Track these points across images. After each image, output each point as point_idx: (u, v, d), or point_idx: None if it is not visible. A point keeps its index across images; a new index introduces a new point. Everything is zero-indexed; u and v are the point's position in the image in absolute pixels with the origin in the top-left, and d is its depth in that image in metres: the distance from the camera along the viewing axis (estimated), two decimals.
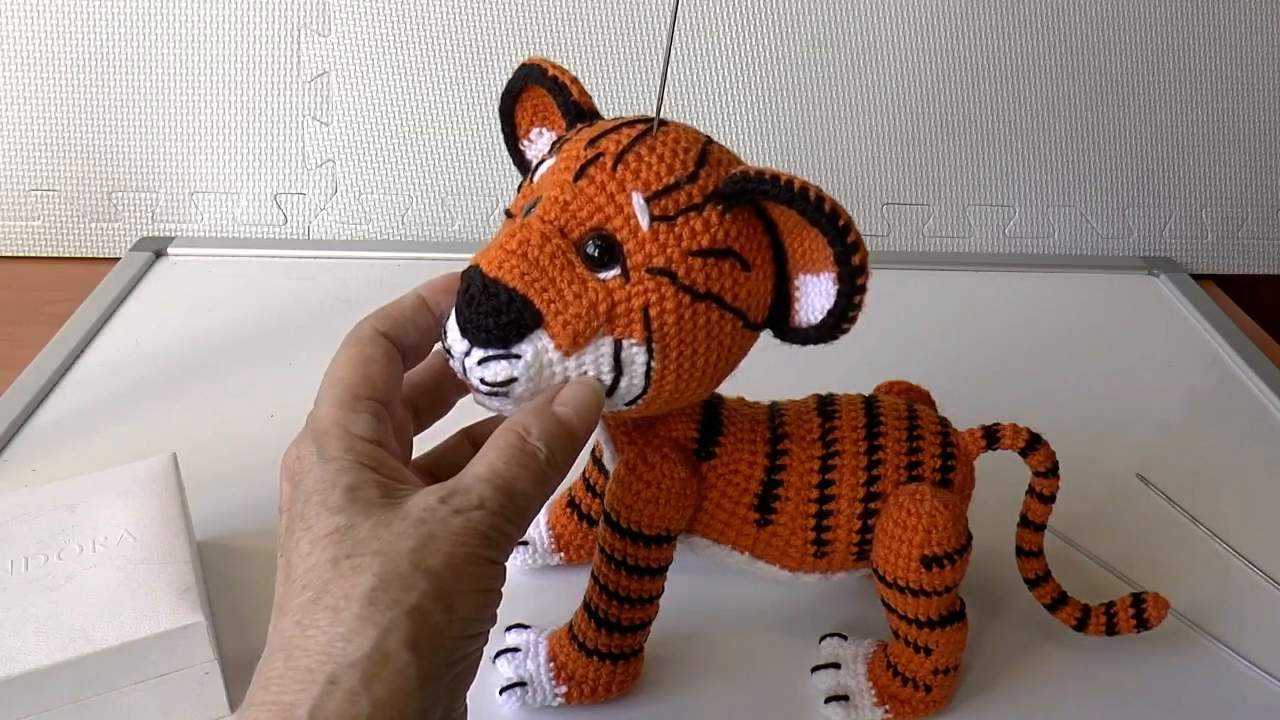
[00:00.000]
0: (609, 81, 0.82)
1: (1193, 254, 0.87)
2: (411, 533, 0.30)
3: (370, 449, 0.32)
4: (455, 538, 0.30)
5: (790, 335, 0.37)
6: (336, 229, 0.84)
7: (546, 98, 0.40)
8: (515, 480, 0.32)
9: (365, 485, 0.31)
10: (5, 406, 0.61)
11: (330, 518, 0.30)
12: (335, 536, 0.30)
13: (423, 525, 0.30)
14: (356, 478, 0.31)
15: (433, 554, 0.29)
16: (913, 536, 0.40)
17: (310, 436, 0.33)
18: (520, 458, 0.32)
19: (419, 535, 0.30)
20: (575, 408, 0.34)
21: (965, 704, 0.45)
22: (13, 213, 0.81)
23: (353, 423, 0.33)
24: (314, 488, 0.32)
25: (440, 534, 0.30)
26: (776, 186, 0.33)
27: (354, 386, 0.34)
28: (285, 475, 0.34)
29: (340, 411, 0.33)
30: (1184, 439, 0.64)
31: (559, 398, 0.35)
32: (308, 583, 0.30)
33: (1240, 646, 0.48)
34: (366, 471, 0.32)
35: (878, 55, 0.82)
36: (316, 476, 0.32)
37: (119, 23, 0.78)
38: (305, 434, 0.34)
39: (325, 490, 0.31)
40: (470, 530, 0.30)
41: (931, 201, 0.86)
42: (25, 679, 0.38)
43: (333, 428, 0.33)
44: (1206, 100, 0.84)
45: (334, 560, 0.29)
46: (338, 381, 0.34)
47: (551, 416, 0.34)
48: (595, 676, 0.43)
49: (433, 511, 0.30)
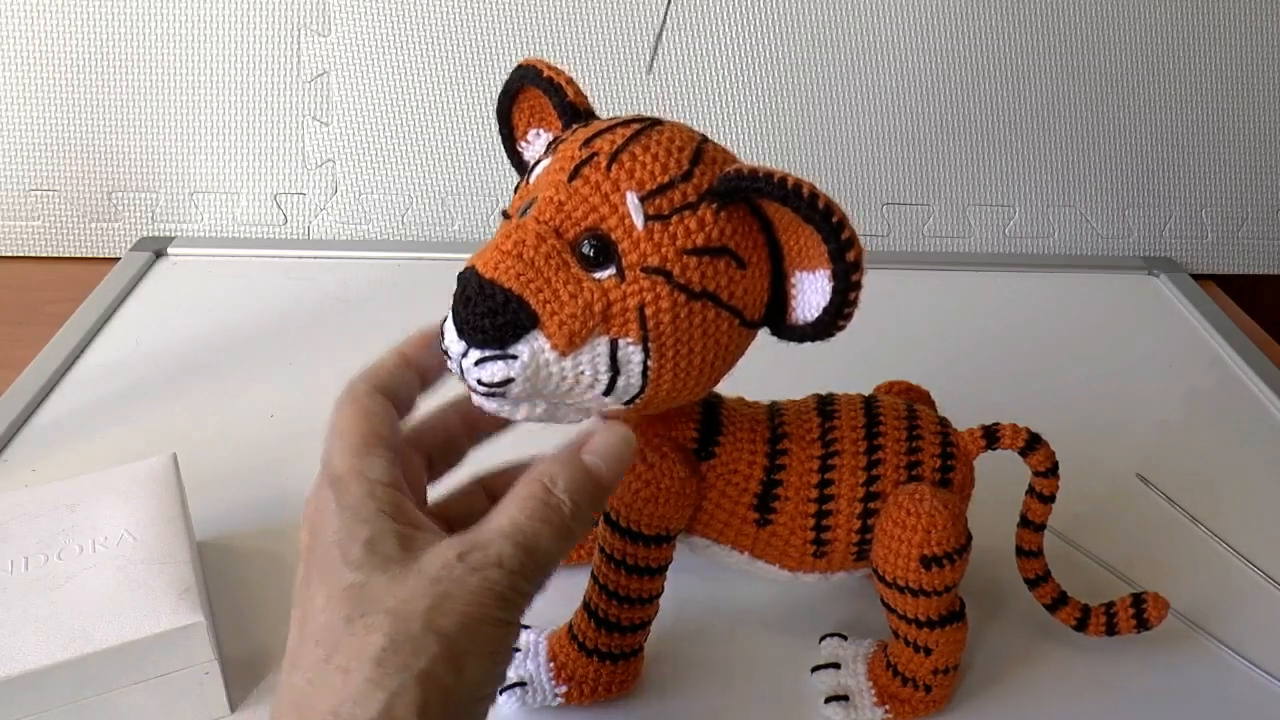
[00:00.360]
0: (607, 82, 0.82)
1: (1193, 254, 0.87)
2: (427, 591, 0.30)
3: (388, 493, 0.33)
4: (470, 597, 0.30)
5: (787, 333, 0.37)
6: (336, 229, 0.84)
7: (543, 99, 0.40)
8: (537, 537, 0.31)
9: (383, 537, 0.31)
10: (5, 406, 0.61)
11: (347, 573, 0.30)
12: (350, 593, 0.30)
13: (438, 584, 0.30)
14: (375, 529, 0.31)
15: (446, 614, 0.29)
16: (912, 536, 0.40)
17: (327, 484, 0.33)
18: (544, 511, 0.32)
19: (434, 594, 0.30)
20: (604, 457, 0.34)
21: (965, 704, 0.45)
22: (13, 213, 0.81)
23: (368, 467, 0.33)
24: (333, 539, 0.32)
25: (456, 593, 0.30)
26: (771, 184, 0.33)
27: (363, 436, 0.34)
28: (305, 524, 0.34)
29: (354, 458, 0.33)
30: (1184, 439, 0.64)
31: (589, 445, 0.34)
32: (321, 639, 0.30)
33: (1240, 646, 0.48)
34: (384, 520, 0.32)
35: (878, 55, 0.82)
36: (335, 527, 0.32)
37: (119, 23, 0.78)
38: (321, 482, 0.34)
39: (344, 542, 0.31)
40: (486, 590, 0.30)
41: (931, 201, 0.86)
42: (25, 679, 0.38)
43: (348, 473, 0.33)
44: (1206, 100, 0.84)
45: (347, 619, 0.30)
46: (345, 433, 0.34)
47: (579, 466, 0.33)
48: (595, 676, 0.43)
49: (449, 569, 0.30)
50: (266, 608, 0.48)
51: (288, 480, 0.56)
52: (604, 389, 0.35)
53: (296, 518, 0.54)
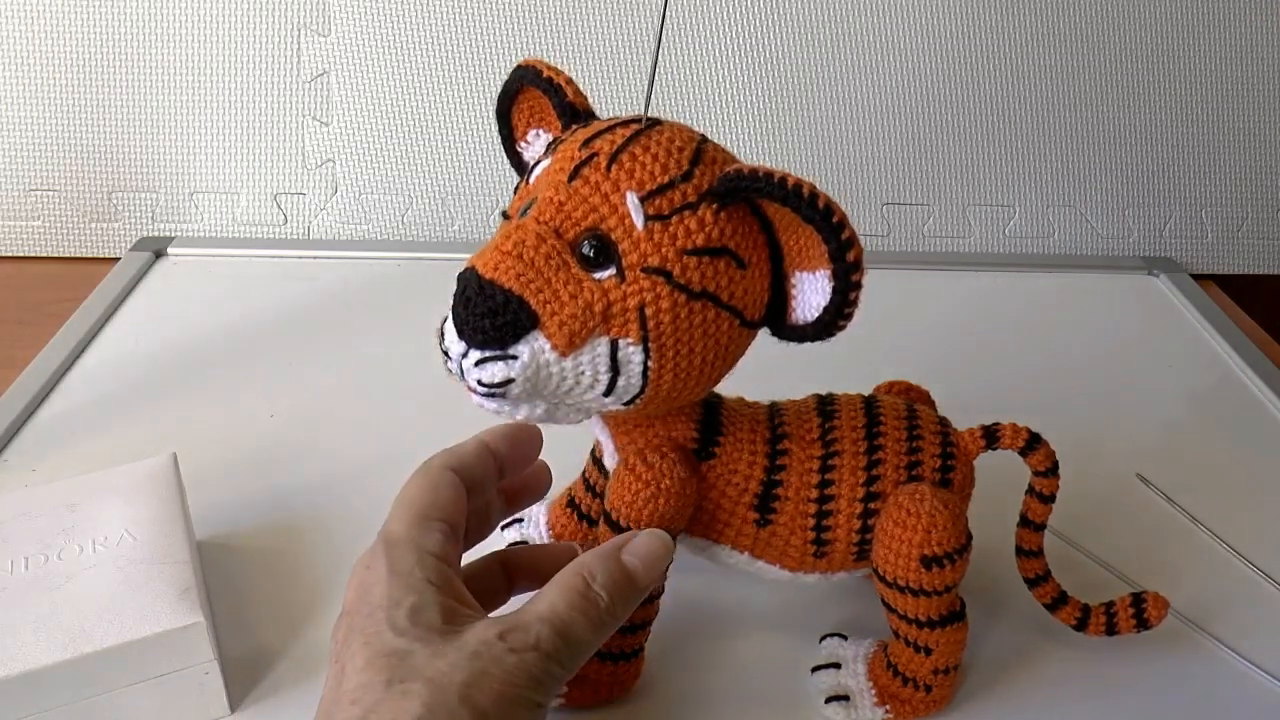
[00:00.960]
0: (607, 82, 0.82)
1: (1193, 254, 0.87)
2: (465, 665, 0.31)
3: (438, 566, 0.34)
4: (507, 676, 0.31)
5: (787, 333, 0.37)
6: (336, 229, 0.84)
7: (543, 99, 0.40)
8: (573, 625, 0.33)
9: (428, 607, 0.33)
10: (5, 406, 0.61)
11: (392, 639, 0.32)
12: (392, 660, 0.31)
13: (477, 659, 0.31)
14: (421, 598, 0.33)
15: (482, 690, 0.31)
16: (912, 536, 0.40)
17: (382, 548, 0.35)
18: (581, 603, 0.34)
19: (472, 669, 0.31)
20: (643, 559, 0.36)
21: (965, 704, 0.45)
22: (13, 213, 0.81)
23: (424, 539, 0.35)
24: (379, 602, 0.33)
25: (493, 671, 0.31)
26: (770, 184, 0.33)
27: (425, 508, 0.36)
28: (353, 581, 0.35)
29: (412, 528, 0.35)
30: (1184, 439, 0.64)
31: (629, 546, 0.36)
32: (358, 698, 0.31)
33: (1240, 646, 0.48)
34: (431, 590, 0.33)
35: (877, 55, 0.82)
36: (383, 591, 0.33)
37: (119, 23, 0.78)
38: (378, 545, 0.35)
39: (390, 607, 0.33)
40: (522, 671, 0.31)
41: (931, 201, 0.86)
42: (25, 679, 0.38)
43: (404, 541, 0.35)
44: (1206, 100, 0.84)
45: (387, 682, 0.31)
46: (410, 503, 0.37)
47: (618, 565, 0.35)
48: (595, 676, 0.43)
49: (489, 646, 0.32)
50: (266, 608, 0.48)
51: (288, 480, 0.56)
52: (604, 389, 0.35)
53: (297, 517, 0.55)
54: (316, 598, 0.48)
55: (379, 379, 0.65)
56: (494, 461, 0.40)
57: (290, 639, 0.46)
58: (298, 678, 0.44)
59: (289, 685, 0.44)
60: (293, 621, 0.47)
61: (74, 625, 0.39)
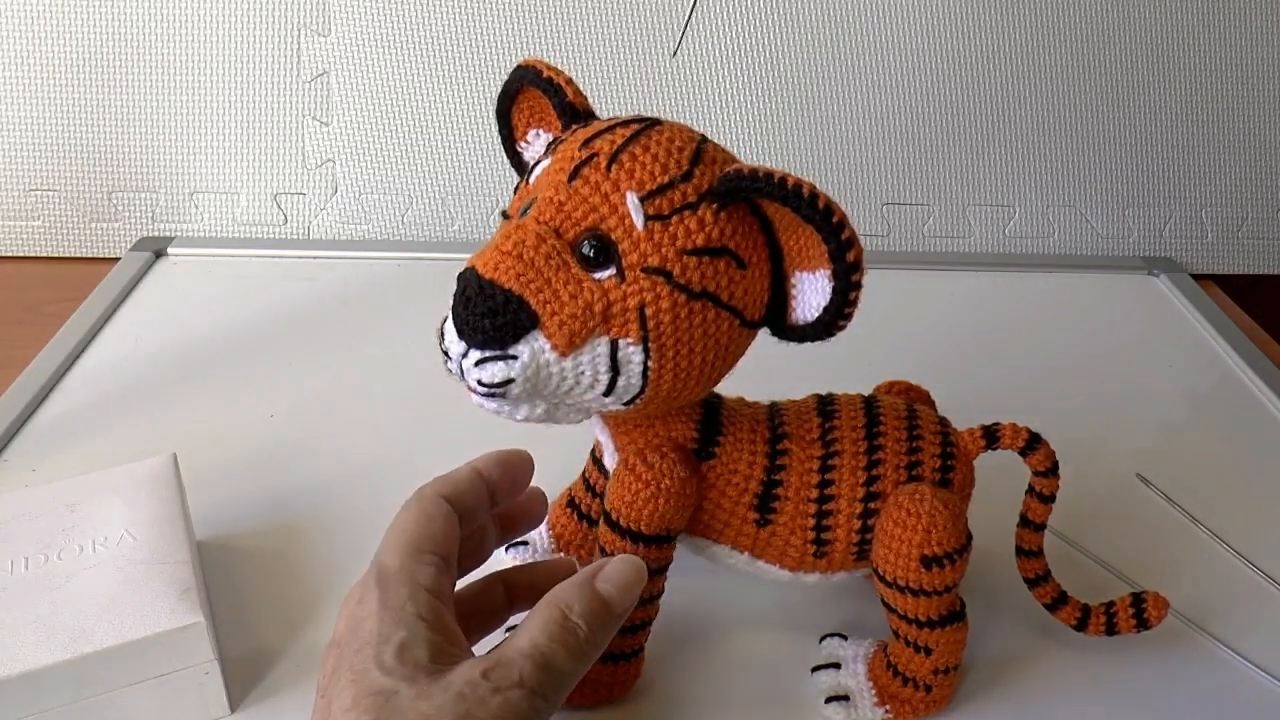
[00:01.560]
0: (607, 82, 0.82)
1: (1193, 254, 0.87)
2: (450, 708, 0.31)
3: (430, 601, 0.34)
4: (491, 717, 0.31)
5: (787, 333, 0.37)
6: (336, 229, 0.84)
7: (542, 99, 0.40)
8: (554, 656, 0.33)
9: (417, 644, 0.33)
10: (5, 406, 0.61)
11: (379, 677, 0.32)
12: (378, 700, 0.31)
13: (462, 701, 0.31)
14: (411, 634, 0.33)
15: None
16: (912, 536, 0.40)
17: (375, 580, 0.35)
18: (561, 634, 0.34)
19: (457, 712, 0.31)
20: (617, 585, 0.36)
21: (965, 704, 0.45)
22: (13, 213, 0.81)
23: (418, 571, 0.35)
24: (369, 638, 0.33)
25: (478, 714, 0.31)
26: (770, 184, 0.33)
27: (419, 540, 0.36)
28: (344, 612, 0.35)
29: (406, 560, 0.35)
30: (1184, 439, 0.64)
31: (602, 574, 0.36)
32: None
33: (1240, 646, 0.48)
34: (421, 627, 0.33)
35: (878, 55, 0.82)
36: (373, 627, 0.33)
37: (119, 23, 0.78)
38: (369, 577, 0.35)
39: (379, 644, 0.33)
40: (508, 710, 0.32)
41: (931, 201, 0.86)
42: (25, 679, 0.38)
43: (397, 573, 0.35)
44: (1206, 100, 0.84)
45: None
46: (403, 534, 0.36)
47: (593, 593, 0.36)
48: (595, 676, 0.43)
49: (474, 687, 0.32)
50: (266, 608, 0.48)
51: (288, 480, 0.56)
52: (604, 389, 0.35)
53: (297, 517, 0.55)
54: (316, 598, 0.48)
55: (379, 379, 0.65)
56: (486, 488, 0.40)
57: (290, 639, 0.46)
58: (298, 678, 0.45)
59: (289, 685, 0.44)
60: (293, 621, 0.47)
61: (74, 625, 0.39)
